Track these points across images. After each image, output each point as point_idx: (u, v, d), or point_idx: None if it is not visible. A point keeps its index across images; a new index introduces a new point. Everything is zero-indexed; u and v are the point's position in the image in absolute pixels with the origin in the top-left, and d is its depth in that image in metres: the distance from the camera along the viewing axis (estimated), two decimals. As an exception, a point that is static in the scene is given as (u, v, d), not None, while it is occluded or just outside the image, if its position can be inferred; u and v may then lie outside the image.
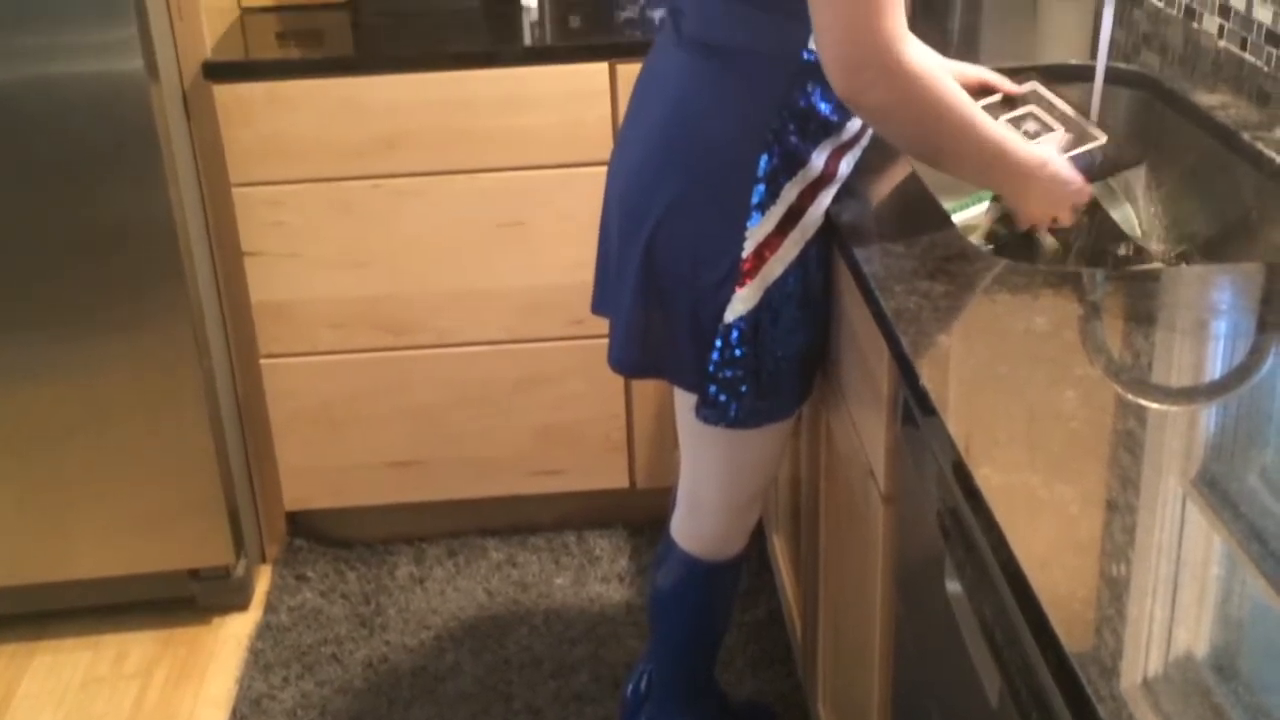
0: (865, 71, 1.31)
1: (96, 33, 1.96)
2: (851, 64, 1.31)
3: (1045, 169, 1.47)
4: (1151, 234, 1.72)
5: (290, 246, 2.19)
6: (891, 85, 1.32)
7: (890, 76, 1.31)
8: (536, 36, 2.25)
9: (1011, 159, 1.44)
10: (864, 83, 1.32)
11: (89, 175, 2.03)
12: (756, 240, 1.46)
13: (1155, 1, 2.16)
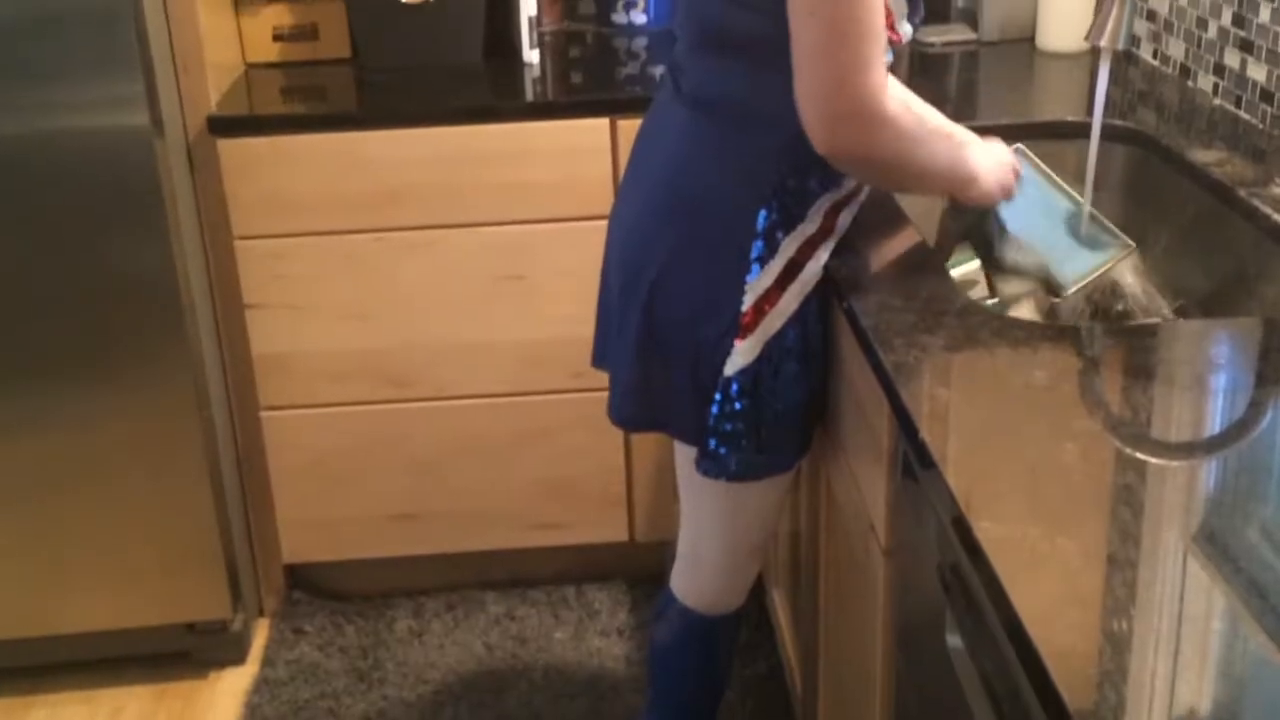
0: (847, 125, 1.33)
1: (103, 88, 1.98)
2: (834, 115, 1.33)
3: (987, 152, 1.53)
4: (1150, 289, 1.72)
5: (292, 299, 2.20)
6: (872, 132, 1.34)
7: (870, 128, 1.33)
8: (538, 92, 2.27)
9: (970, 146, 1.50)
10: (846, 131, 1.34)
11: (92, 228, 2.05)
12: (756, 294, 1.47)
13: (1150, 60, 2.19)
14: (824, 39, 1.30)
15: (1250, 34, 1.86)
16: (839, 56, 1.30)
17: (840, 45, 1.30)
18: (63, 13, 1.93)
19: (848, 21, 1.29)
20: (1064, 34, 2.25)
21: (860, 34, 1.30)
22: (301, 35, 2.36)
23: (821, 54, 1.31)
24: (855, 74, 1.30)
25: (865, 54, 1.30)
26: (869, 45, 1.30)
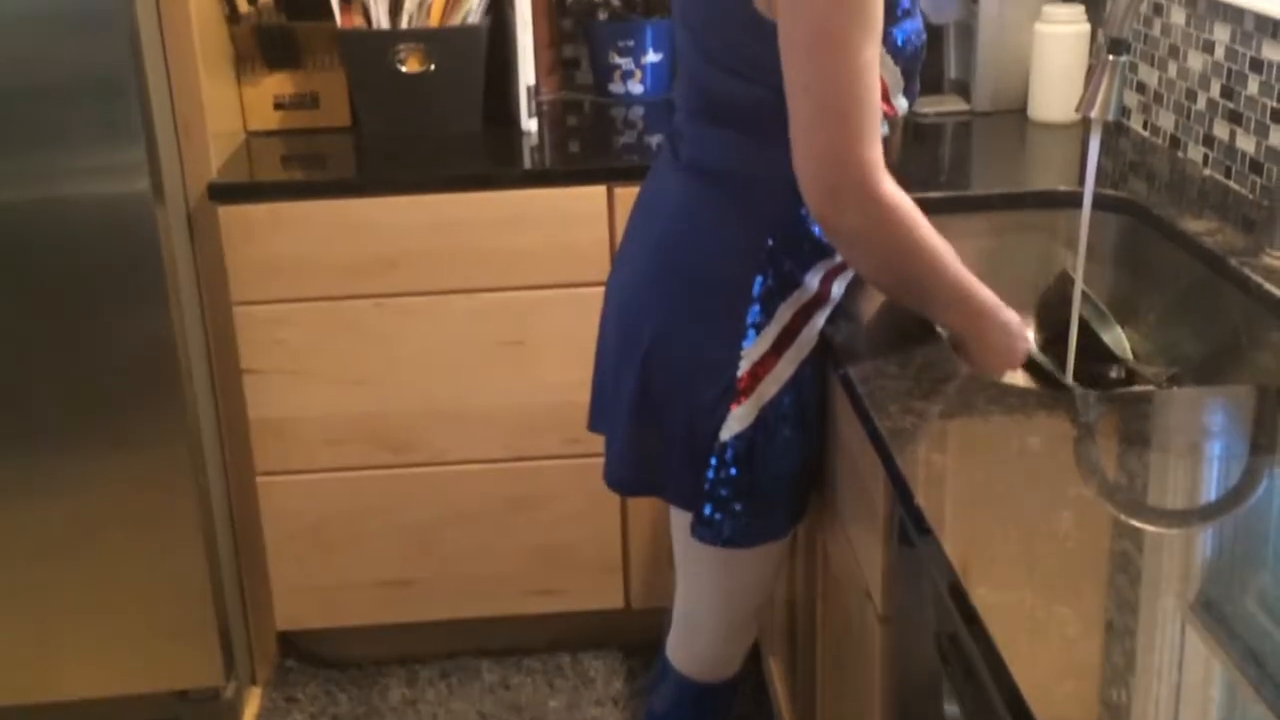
0: (842, 196, 1.34)
1: (105, 155, 2.00)
2: (829, 188, 1.34)
3: (1002, 313, 1.45)
4: (1143, 357, 1.73)
5: (290, 364, 2.21)
6: (867, 211, 1.34)
7: (866, 203, 1.33)
8: (536, 160, 2.30)
9: (975, 302, 1.43)
10: (840, 207, 1.34)
11: (91, 293, 2.05)
12: (752, 360, 1.47)
13: (1141, 131, 2.21)
14: (819, 114, 1.32)
15: (1239, 106, 1.89)
16: (834, 131, 1.32)
17: (835, 120, 1.32)
18: (66, 80, 1.96)
19: (843, 97, 1.31)
20: (1055, 105, 2.28)
21: (855, 109, 1.31)
22: (302, 104, 2.39)
23: (817, 128, 1.32)
24: (849, 149, 1.32)
25: (860, 129, 1.31)
26: (864, 121, 1.32)
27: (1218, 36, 1.95)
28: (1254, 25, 1.84)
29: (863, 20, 1.30)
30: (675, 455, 1.54)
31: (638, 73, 2.54)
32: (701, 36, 1.46)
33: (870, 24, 1.30)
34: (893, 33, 1.40)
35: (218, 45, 2.25)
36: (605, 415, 1.65)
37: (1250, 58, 1.86)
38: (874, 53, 1.32)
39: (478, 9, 2.31)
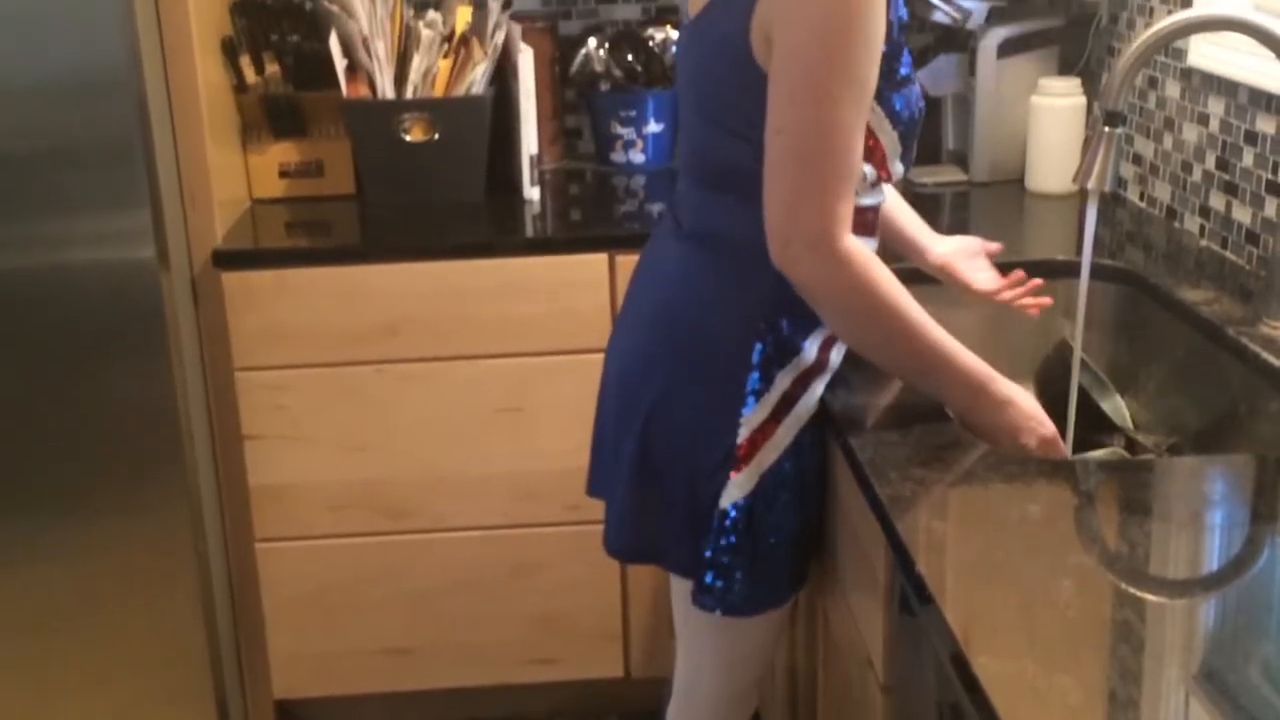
0: (795, 243, 1.35)
1: (111, 221, 2.02)
2: (785, 233, 1.36)
3: (993, 392, 1.41)
4: (1143, 425, 1.74)
5: (291, 430, 2.21)
6: (819, 260, 1.35)
7: (821, 252, 1.34)
8: (538, 228, 2.31)
9: (955, 370, 1.40)
10: (794, 254, 1.36)
11: (94, 358, 2.06)
12: (751, 427, 1.48)
13: (1138, 202, 2.23)
14: (788, 158, 1.33)
15: (1234, 177, 1.91)
16: (799, 177, 1.33)
17: (803, 166, 1.33)
18: (74, 147, 1.98)
19: (814, 146, 1.32)
20: (1052, 176, 2.30)
21: (825, 160, 1.32)
22: (307, 172, 2.41)
23: (784, 172, 1.34)
24: (812, 196, 1.33)
25: (826, 180, 1.32)
26: (832, 173, 1.32)
27: (1212, 110, 1.97)
28: (1247, 99, 1.87)
29: (849, 76, 1.31)
30: (675, 522, 1.53)
31: (639, 142, 2.57)
32: (704, 98, 1.48)
33: (857, 83, 1.32)
34: (891, 98, 1.42)
35: (225, 114, 2.27)
36: (604, 480, 1.65)
37: (1245, 130, 1.88)
38: (856, 113, 1.33)
39: (482, 79, 2.34)
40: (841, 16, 1.30)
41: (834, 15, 1.30)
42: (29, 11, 1.92)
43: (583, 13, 2.67)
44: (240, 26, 2.35)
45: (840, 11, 1.29)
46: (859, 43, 1.31)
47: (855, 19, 1.30)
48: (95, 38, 1.94)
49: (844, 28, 1.30)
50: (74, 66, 1.95)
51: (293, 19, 2.39)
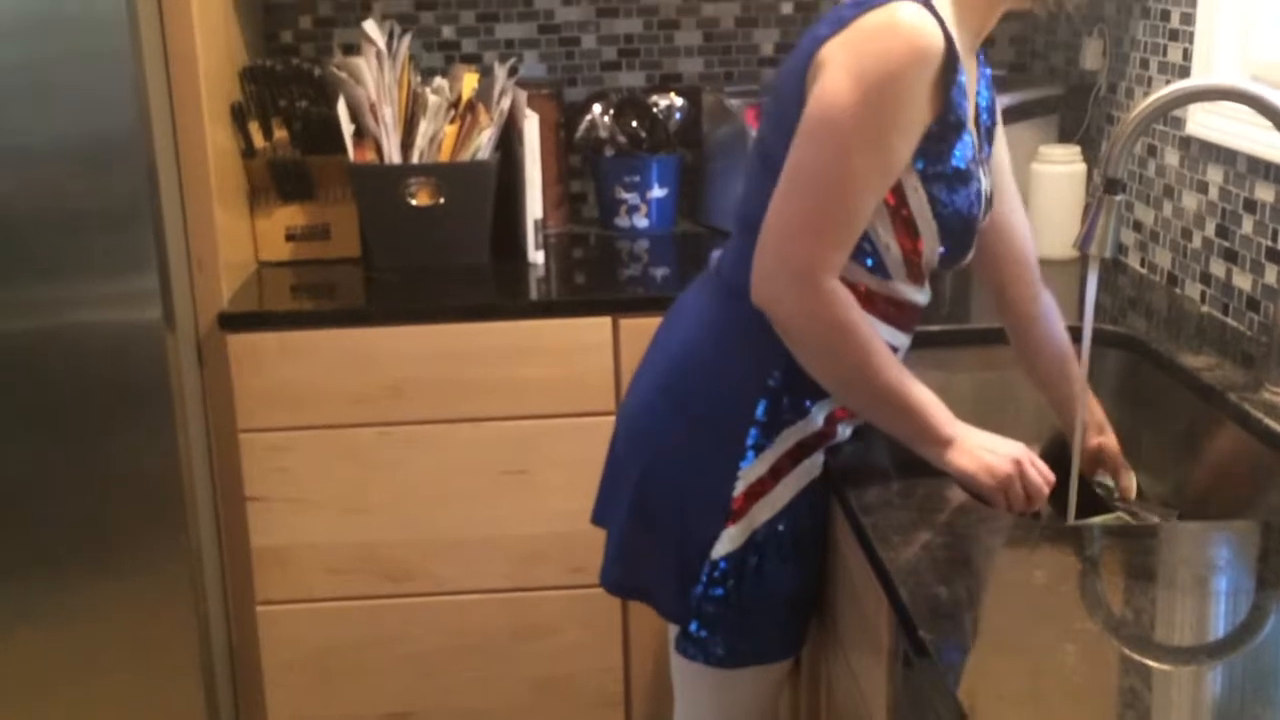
0: (777, 278, 1.37)
1: (118, 284, 2.03)
2: (767, 268, 1.38)
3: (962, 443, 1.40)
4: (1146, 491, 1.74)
5: (294, 492, 2.21)
6: (801, 296, 1.36)
7: (797, 290, 1.36)
8: (542, 291, 2.33)
9: (928, 425, 1.40)
10: (774, 289, 1.38)
11: (98, 419, 2.07)
12: (748, 481, 1.48)
13: (1139, 268, 2.25)
14: (790, 192, 1.36)
15: (1234, 244, 1.92)
16: (797, 213, 1.35)
17: (802, 203, 1.35)
18: (83, 211, 2.00)
19: (818, 185, 1.34)
20: (1053, 242, 2.31)
21: (825, 202, 1.34)
22: (313, 235, 2.43)
23: (783, 205, 1.36)
24: (805, 234, 1.35)
25: (824, 222, 1.34)
26: (831, 218, 1.34)
27: (1211, 177, 1.99)
28: (1246, 167, 1.88)
29: (874, 132, 1.33)
30: (666, 567, 1.54)
31: (643, 207, 2.59)
32: (761, 143, 1.49)
33: (881, 144, 1.33)
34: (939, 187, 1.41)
35: (232, 178, 2.30)
36: (608, 510, 1.66)
37: (1244, 198, 1.90)
38: (874, 173, 1.34)
39: (487, 145, 2.37)
40: (879, 76, 1.32)
41: (872, 68, 1.32)
42: (43, 77, 1.95)
43: (588, 80, 2.70)
44: (249, 92, 2.38)
45: (879, 72, 1.32)
46: (890, 104, 1.33)
47: (892, 82, 1.32)
48: (107, 103, 1.96)
49: (878, 87, 1.32)
50: (85, 131, 1.97)
51: (301, 85, 2.42)
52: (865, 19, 1.34)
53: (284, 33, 2.65)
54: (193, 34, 2.08)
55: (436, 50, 2.67)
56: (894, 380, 1.40)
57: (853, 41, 1.34)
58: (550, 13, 2.68)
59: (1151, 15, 2.17)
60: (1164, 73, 2.14)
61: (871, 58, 1.32)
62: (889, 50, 1.32)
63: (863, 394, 1.43)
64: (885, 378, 1.40)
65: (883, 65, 1.32)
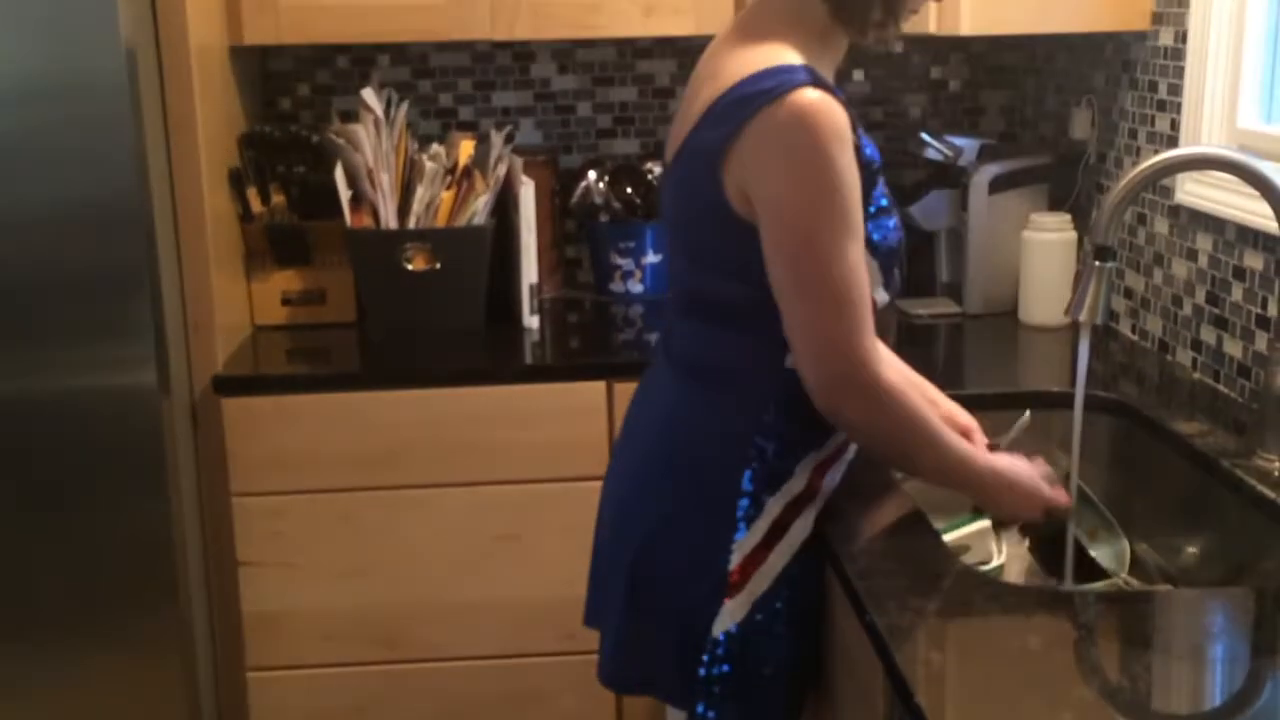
0: (843, 388, 1.39)
1: (113, 349, 2.03)
2: (829, 382, 1.39)
3: (1001, 479, 1.54)
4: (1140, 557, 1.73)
5: (287, 556, 2.20)
6: (868, 402, 1.40)
7: (866, 393, 1.39)
8: (537, 355, 2.34)
9: (971, 471, 1.51)
10: (841, 399, 1.41)
11: (91, 483, 2.06)
12: (743, 553, 1.48)
13: (1130, 334, 2.26)
14: (814, 314, 1.38)
15: (1224, 312, 1.94)
16: (829, 327, 1.37)
17: (830, 318, 1.37)
18: (81, 275, 2.01)
19: (835, 297, 1.36)
20: (1044, 309, 2.33)
21: (847, 306, 1.37)
22: (309, 299, 2.44)
23: (813, 326, 1.38)
24: (846, 343, 1.38)
25: (854, 322, 1.38)
26: (857, 315, 1.38)
27: (1201, 245, 2.01)
28: (1235, 235, 1.90)
29: (844, 223, 1.37)
30: (668, 650, 1.52)
31: (638, 272, 2.61)
32: (684, 235, 1.52)
33: (852, 226, 1.38)
34: (868, 228, 1.45)
35: (229, 243, 2.31)
36: (600, 611, 1.64)
37: (1233, 266, 1.91)
38: (859, 251, 1.38)
39: (483, 210, 2.39)
40: (821, 171, 1.35)
41: (815, 171, 1.35)
42: (43, 142, 1.96)
43: (583, 147, 2.73)
44: (248, 158, 2.40)
45: (820, 167, 1.35)
46: (841, 193, 1.36)
47: (833, 169, 1.35)
48: (106, 169, 1.98)
49: (825, 180, 1.36)
50: (84, 196, 1.98)
51: (300, 151, 2.44)
52: (771, 116, 1.36)
53: (283, 100, 2.67)
54: (193, 101, 2.10)
55: (434, 117, 2.70)
56: (953, 454, 1.49)
57: (773, 146, 1.36)
58: (546, 81, 2.71)
59: (1139, 86, 2.20)
60: (1152, 142, 2.17)
61: (803, 152, 1.35)
62: (814, 142, 1.35)
63: (922, 467, 1.52)
64: (946, 454, 1.49)
65: (818, 156, 1.35)
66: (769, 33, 1.43)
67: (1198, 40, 1.99)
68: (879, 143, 2.52)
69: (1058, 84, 2.55)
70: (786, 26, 1.43)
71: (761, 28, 1.44)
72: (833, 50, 1.48)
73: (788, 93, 1.35)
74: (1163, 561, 1.72)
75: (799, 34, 1.43)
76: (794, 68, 1.38)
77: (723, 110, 1.40)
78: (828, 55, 1.46)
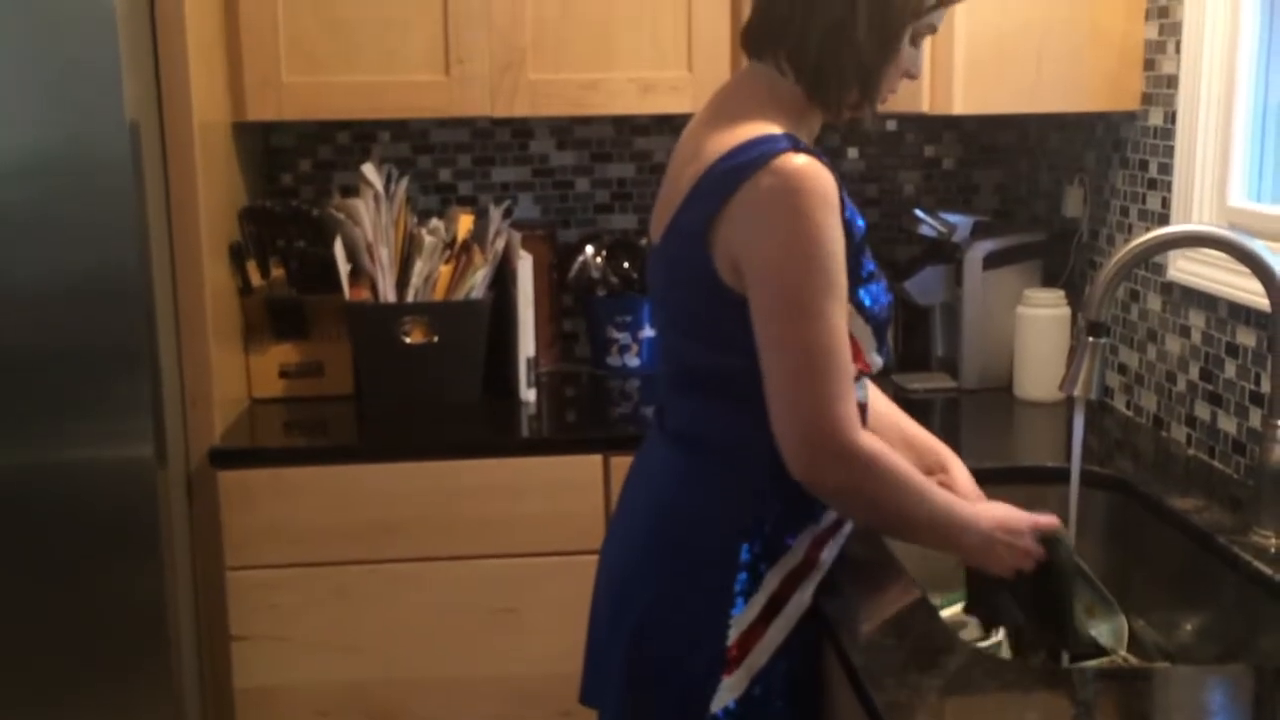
0: (821, 457, 1.39)
1: (111, 422, 2.03)
2: (808, 451, 1.39)
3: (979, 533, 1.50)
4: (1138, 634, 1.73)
5: (281, 630, 2.19)
6: (849, 468, 1.40)
7: (847, 459, 1.39)
8: (534, 429, 2.34)
9: (957, 527, 1.49)
10: (821, 467, 1.40)
11: (83, 555, 2.05)
12: (741, 628, 1.47)
13: (1125, 410, 2.27)
14: (794, 379, 1.38)
15: (1218, 388, 1.95)
16: (808, 390, 1.38)
17: (809, 383, 1.38)
18: (80, 349, 2.01)
19: (815, 362, 1.37)
20: (1039, 384, 2.34)
21: (828, 372, 1.37)
22: (307, 372, 2.45)
23: (791, 387, 1.38)
24: (824, 406, 1.38)
25: (833, 387, 1.38)
26: (837, 382, 1.38)
27: (1193, 322, 2.02)
28: (1227, 312, 1.92)
29: (829, 287, 1.38)
30: (667, 728, 1.51)
31: (634, 346, 2.62)
32: (680, 317, 1.53)
33: (836, 290, 1.38)
34: (859, 294, 1.47)
35: (229, 316, 2.32)
36: (597, 689, 1.63)
37: (1226, 342, 1.93)
38: (842, 316, 1.39)
39: (481, 284, 2.41)
40: (809, 237, 1.37)
41: (798, 237, 1.37)
42: (45, 215, 1.98)
43: (580, 221, 2.76)
44: (248, 232, 2.42)
45: (807, 233, 1.36)
46: (827, 254, 1.37)
47: (821, 235, 1.37)
48: (108, 242, 1.99)
49: (813, 246, 1.37)
50: (86, 269, 2.00)
51: (300, 225, 2.46)
52: (757, 183, 1.38)
53: (285, 175, 2.70)
54: (195, 176, 2.12)
55: (433, 192, 2.73)
56: (938, 512, 1.47)
57: (761, 213, 1.38)
58: (545, 157, 2.74)
59: (1130, 165, 2.23)
60: (1144, 220, 2.19)
61: (792, 223, 1.37)
62: (801, 206, 1.36)
63: (907, 530, 1.51)
64: (930, 513, 1.47)
65: (804, 222, 1.36)
66: (746, 111, 1.45)
67: (1186, 120, 2.02)
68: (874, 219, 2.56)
69: (1050, 162, 2.58)
70: (762, 106, 1.46)
71: (739, 107, 1.47)
72: (809, 126, 1.50)
73: (772, 159, 1.37)
74: (1161, 638, 1.72)
75: (775, 112, 1.45)
76: (775, 136, 1.40)
77: (708, 186, 1.42)
78: (804, 131, 1.48)
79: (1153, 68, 2.14)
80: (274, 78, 2.33)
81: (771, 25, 1.46)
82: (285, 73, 2.33)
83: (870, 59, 1.42)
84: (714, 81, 2.37)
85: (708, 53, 2.40)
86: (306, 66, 2.34)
